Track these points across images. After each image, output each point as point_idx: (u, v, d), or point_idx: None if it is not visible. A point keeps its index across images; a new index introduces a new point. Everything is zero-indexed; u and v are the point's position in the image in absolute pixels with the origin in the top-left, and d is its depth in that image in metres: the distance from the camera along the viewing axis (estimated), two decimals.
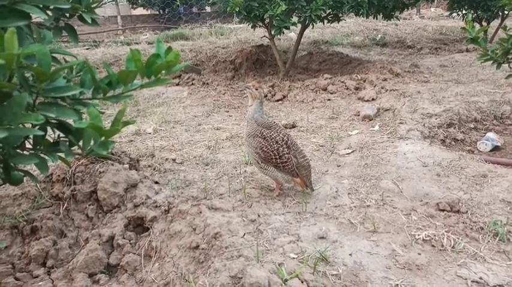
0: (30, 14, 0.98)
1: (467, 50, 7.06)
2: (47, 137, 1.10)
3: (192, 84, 5.54)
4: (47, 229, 2.06)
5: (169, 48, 1.10)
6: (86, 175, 2.27)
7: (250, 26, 5.70)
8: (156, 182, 2.35)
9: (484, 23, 7.86)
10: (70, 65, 0.97)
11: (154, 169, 2.54)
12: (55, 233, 2.07)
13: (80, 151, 1.00)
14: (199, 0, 6.46)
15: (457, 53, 7.09)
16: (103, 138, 0.95)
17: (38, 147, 1.01)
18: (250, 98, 2.15)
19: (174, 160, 2.70)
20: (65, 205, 2.18)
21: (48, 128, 1.11)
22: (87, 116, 0.98)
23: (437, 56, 7.03)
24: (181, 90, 5.16)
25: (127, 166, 2.35)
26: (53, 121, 1.01)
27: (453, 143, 3.28)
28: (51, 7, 1.21)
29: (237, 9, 4.42)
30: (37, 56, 0.92)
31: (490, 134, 3.29)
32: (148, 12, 13.96)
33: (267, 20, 5.10)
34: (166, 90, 5.06)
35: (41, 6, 1.03)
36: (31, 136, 1.05)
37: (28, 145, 1.14)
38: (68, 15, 1.35)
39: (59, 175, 2.26)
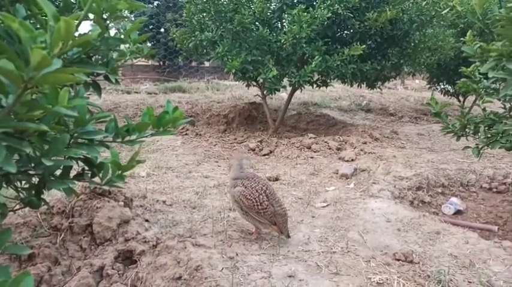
0: None
1: None
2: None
3: (186, 134, 5.90)
4: (43, 256, 2.26)
5: (176, 108, 1.42)
6: (83, 209, 2.50)
7: (244, 84, 6.20)
8: (147, 220, 2.59)
9: (461, 98, 8.54)
10: (100, 116, 1.28)
11: (145, 209, 2.78)
12: (50, 261, 2.27)
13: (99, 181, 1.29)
14: (199, 57, 7.01)
15: (434, 123, 7.62)
16: (120, 171, 1.24)
17: (66, 176, 1.29)
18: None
19: (164, 201, 2.96)
20: (62, 235, 2.39)
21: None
22: (109, 154, 1.28)
23: (416, 124, 7.57)
24: (175, 139, 5.49)
25: (122, 203, 2.59)
26: (80, 157, 1.31)
27: (420, 204, 3.59)
28: None
29: (234, 70, 4.89)
30: (77, 107, 1.24)
31: (454, 199, 3.63)
32: (149, 63, 14.64)
33: (260, 81, 5.59)
34: (161, 138, 5.38)
35: None
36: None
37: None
38: (95, 74, 1.69)
39: (59, 208, 2.49)
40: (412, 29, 5.42)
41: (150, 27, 13.10)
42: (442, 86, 8.77)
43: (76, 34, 1.12)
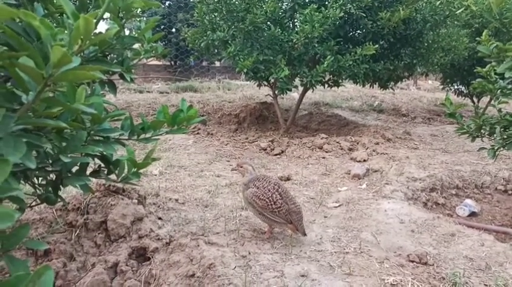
0: None
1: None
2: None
3: (198, 133, 5.92)
4: (58, 252, 2.29)
5: (190, 106, 1.43)
6: (98, 207, 2.53)
7: (256, 84, 6.20)
8: (160, 218, 2.61)
9: (475, 99, 8.42)
10: (116, 114, 1.30)
11: (158, 207, 2.80)
12: (66, 257, 2.30)
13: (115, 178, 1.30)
14: (210, 57, 7.03)
15: (448, 124, 7.53)
16: (136, 169, 1.25)
17: (83, 172, 1.30)
18: (242, 174, 2.48)
19: (176, 200, 2.97)
20: (77, 232, 2.42)
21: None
22: (124, 152, 1.29)
23: (429, 125, 7.48)
24: (187, 138, 5.51)
25: (136, 201, 2.61)
26: (97, 154, 1.32)
27: (434, 206, 3.55)
28: None
29: (245, 70, 4.89)
30: (94, 105, 1.25)
31: (468, 201, 3.57)
32: (161, 62, 14.74)
33: (272, 81, 5.58)
34: (173, 137, 5.41)
35: None
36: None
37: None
38: (110, 73, 1.70)
39: (74, 205, 2.52)
40: (426, 28, 5.35)
41: (162, 27, 13.18)
42: (456, 87, 8.66)
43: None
